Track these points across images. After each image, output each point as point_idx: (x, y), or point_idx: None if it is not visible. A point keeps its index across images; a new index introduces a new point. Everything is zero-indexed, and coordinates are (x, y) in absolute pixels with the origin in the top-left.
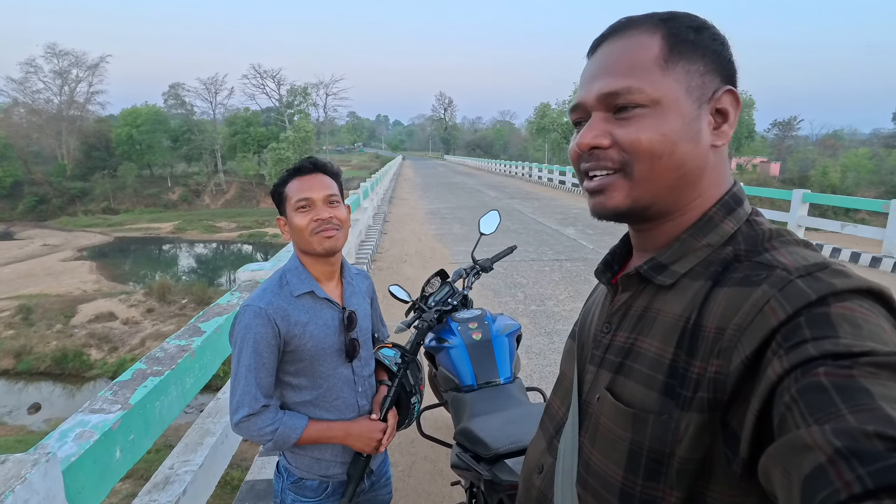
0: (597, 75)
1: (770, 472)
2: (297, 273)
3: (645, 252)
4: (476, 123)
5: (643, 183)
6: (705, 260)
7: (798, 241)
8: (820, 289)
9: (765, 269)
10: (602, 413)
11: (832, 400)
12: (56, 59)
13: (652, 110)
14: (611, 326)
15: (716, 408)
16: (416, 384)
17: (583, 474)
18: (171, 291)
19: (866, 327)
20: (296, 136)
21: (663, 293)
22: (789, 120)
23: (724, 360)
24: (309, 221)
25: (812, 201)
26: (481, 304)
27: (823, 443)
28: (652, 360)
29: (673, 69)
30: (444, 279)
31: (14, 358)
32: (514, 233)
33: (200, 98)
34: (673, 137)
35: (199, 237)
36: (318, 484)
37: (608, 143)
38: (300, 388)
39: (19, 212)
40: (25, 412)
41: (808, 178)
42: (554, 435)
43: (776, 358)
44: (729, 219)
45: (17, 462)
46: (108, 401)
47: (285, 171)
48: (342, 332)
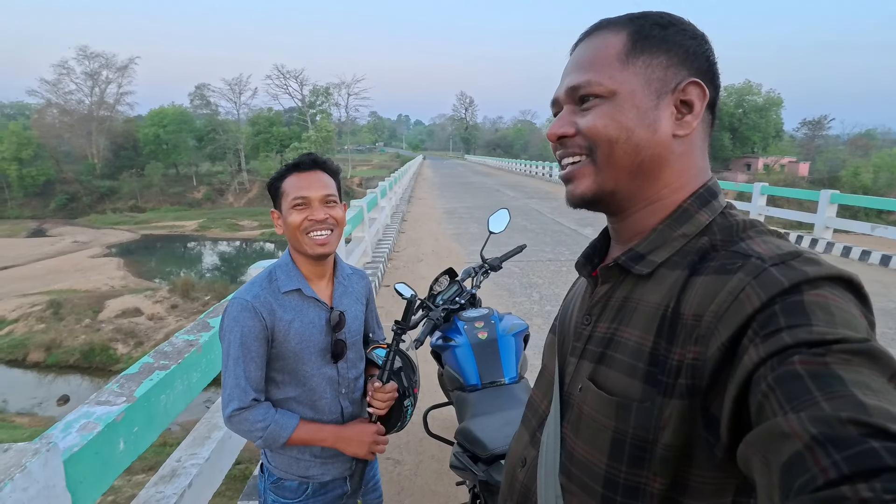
0: (568, 72)
1: (749, 459)
2: (287, 270)
3: (623, 244)
4: (497, 123)
5: (605, 167)
6: (682, 250)
7: (771, 232)
8: (793, 276)
9: (740, 257)
10: (585, 403)
11: (807, 388)
12: (87, 60)
13: (609, 100)
14: (591, 318)
15: (695, 394)
16: (409, 386)
17: (566, 464)
18: (195, 288)
19: (838, 314)
20: (317, 136)
21: (642, 283)
22: (819, 119)
23: (701, 346)
24: (303, 220)
25: (840, 202)
26: (496, 303)
27: (800, 430)
28: (633, 349)
29: (633, 63)
30: (453, 278)
31: (44, 351)
32: (532, 233)
33: (225, 98)
34: (627, 125)
35: (222, 235)
36: (298, 485)
37: (573, 131)
38: (283, 385)
39: (51, 209)
40: (55, 404)
41: (839, 178)
42: (537, 428)
43: (752, 346)
44: (704, 210)
45: (18, 451)
46: (114, 393)
47: (283, 166)
48: (328, 333)
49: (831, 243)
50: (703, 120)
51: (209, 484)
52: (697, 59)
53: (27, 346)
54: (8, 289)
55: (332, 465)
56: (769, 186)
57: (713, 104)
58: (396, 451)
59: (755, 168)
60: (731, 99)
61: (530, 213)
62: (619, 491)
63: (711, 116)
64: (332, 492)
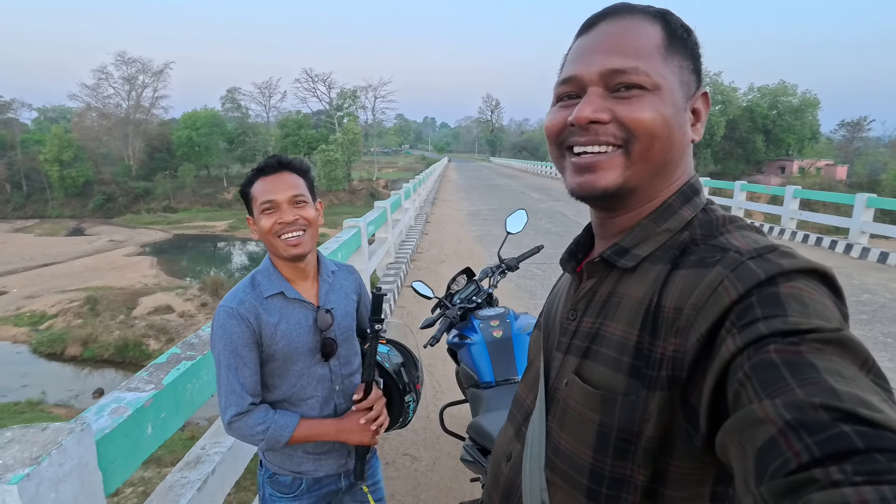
0: (598, 51)
1: (726, 446)
2: (267, 274)
3: (607, 240)
4: (523, 125)
5: (639, 161)
6: (665, 244)
7: (750, 227)
8: (769, 269)
9: (719, 251)
10: (570, 397)
11: (782, 375)
12: (125, 66)
13: (653, 94)
14: (576, 313)
15: (675, 385)
16: (410, 382)
17: (551, 458)
18: (224, 287)
19: (812, 305)
20: (344, 139)
21: (626, 278)
22: (858, 120)
23: (681, 338)
24: (273, 224)
25: (877, 206)
26: (518, 305)
27: (774, 416)
28: (618, 343)
29: (671, 60)
30: (471, 277)
31: (81, 345)
32: (556, 235)
33: (255, 102)
34: (670, 122)
35: (251, 236)
36: (291, 480)
37: (608, 118)
38: (273, 388)
39: (89, 209)
40: (90, 396)
41: (879, 182)
42: (522, 423)
43: (730, 336)
44: (687, 206)
45: (55, 430)
46: (144, 381)
47: (250, 171)
48: (317, 332)
49: (867, 249)
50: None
51: (232, 471)
52: (701, 71)
53: (65, 341)
54: (48, 285)
55: (325, 462)
56: (802, 190)
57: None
58: (413, 448)
59: (790, 171)
60: (766, 100)
61: (555, 215)
62: (604, 483)
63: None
64: (325, 487)
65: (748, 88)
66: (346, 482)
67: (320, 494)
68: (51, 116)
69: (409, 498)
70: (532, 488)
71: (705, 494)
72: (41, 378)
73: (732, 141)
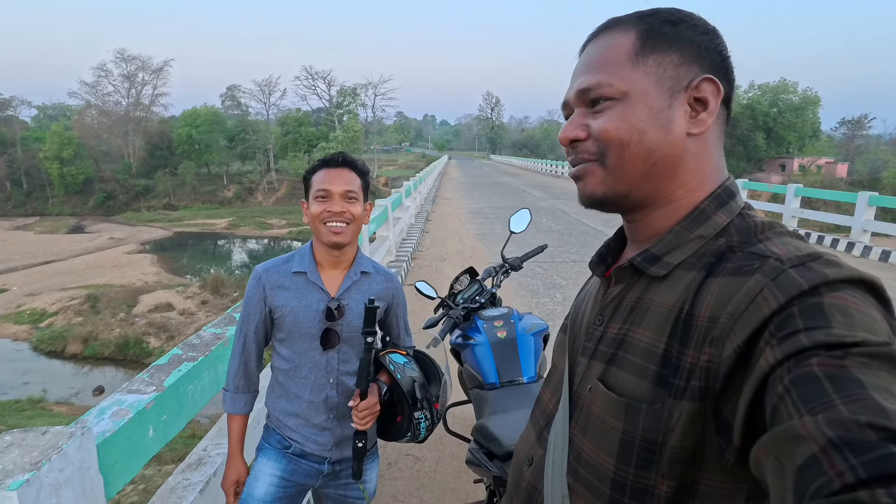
0: (577, 74)
1: (762, 462)
2: (303, 254)
3: (638, 244)
4: (523, 123)
5: (616, 171)
6: (698, 251)
7: (790, 233)
8: (812, 278)
9: (758, 258)
10: (594, 403)
11: (825, 390)
12: (125, 63)
13: (621, 102)
14: (603, 318)
15: (708, 396)
16: (424, 399)
17: (573, 465)
18: (224, 285)
19: (858, 317)
20: (344, 136)
21: (656, 284)
22: (859, 118)
23: (716, 348)
24: (322, 211)
25: (879, 204)
26: (519, 304)
27: (816, 433)
28: (645, 350)
29: (644, 62)
30: (474, 277)
31: (82, 343)
32: (557, 233)
33: (255, 99)
34: (640, 126)
35: (252, 233)
36: (281, 438)
37: (584, 135)
38: (283, 358)
39: (90, 207)
40: (91, 394)
41: (880, 180)
42: (544, 427)
43: (769, 348)
44: (721, 211)
45: (55, 434)
46: (145, 382)
47: (318, 160)
48: (323, 320)
49: (868, 247)
50: (717, 117)
51: None
52: (710, 54)
53: (66, 338)
54: (49, 283)
55: (312, 440)
56: (804, 188)
57: (728, 100)
58: (416, 448)
59: (791, 169)
60: (766, 98)
61: (556, 213)
62: (626, 493)
63: (726, 112)
64: (308, 464)
65: (749, 86)
66: (329, 468)
67: (302, 467)
68: (51, 114)
69: (412, 498)
70: (554, 494)
71: None
72: (42, 376)
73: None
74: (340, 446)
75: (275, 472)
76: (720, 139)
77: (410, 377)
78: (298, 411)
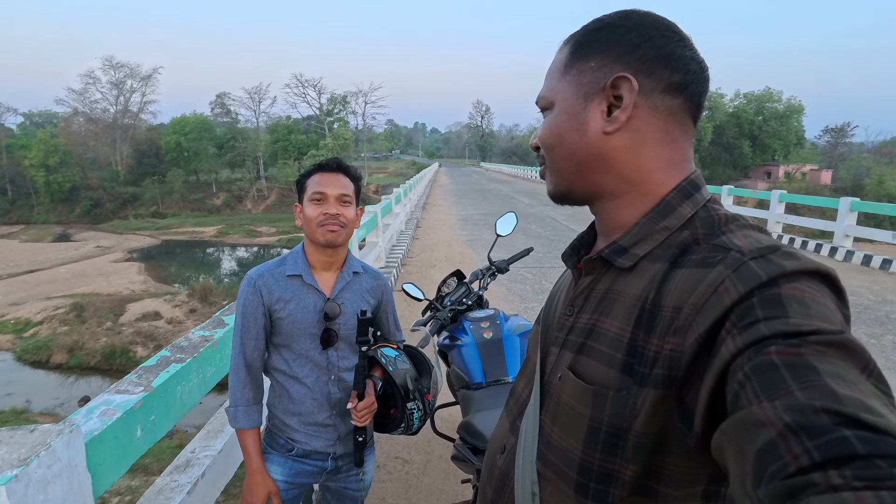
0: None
1: (723, 447)
2: (296, 257)
3: (607, 236)
4: (513, 131)
5: (554, 172)
6: (664, 243)
7: (752, 226)
8: (771, 270)
9: (721, 251)
10: (563, 391)
11: (782, 377)
12: (113, 70)
13: (550, 111)
14: (574, 309)
15: (671, 384)
16: (416, 390)
17: (543, 451)
18: (213, 293)
19: (814, 307)
20: (335, 144)
21: (624, 275)
22: (842, 126)
23: (679, 338)
24: (318, 214)
25: (860, 210)
26: (508, 309)
27: (774, 418)
28: (612, 339)
29: (568, 72)
30: (461, 280)
31: (67, 353)
32: (546, 239)
33: (245, 107)
34: (558, 131)
35: (241, 241)
36: (285, 442)
37: (535, 142)
38: (283, 359)
39: (76, 215)
40: (76, 404)
41: (863, 186)
42: (517, 416)
43: (730, 337)
44: (686, 203)
45: (44, 431)
46: (133, 383)
47: (312, 165)
48: (322, 320)
49: (851, 251)
50: (655, 109)
51: (222, 474)
52: (636, 51)
53: (51, 348)
54: (33, 292)
55: (315, 438)
56: (787, 194)
57: (682, 87)
58: (405, 451)
59: (776, 176)
60: (752, 106)
61: (545, 220)
62: (592, 477)
63: (683, 103)
64: (313, 463)
65: (734, 95)
66: (332, 464)
67: (307, 466)
68: (37, 121)
69: (400, 500)
70: (524, 481)
71: (698, 493)
72: (26, 386)
73: (719, 146)
74: (343, 441)
75: (278, 476)
76: (666, 131)
77: (402, 370)
78: (301, 410)
